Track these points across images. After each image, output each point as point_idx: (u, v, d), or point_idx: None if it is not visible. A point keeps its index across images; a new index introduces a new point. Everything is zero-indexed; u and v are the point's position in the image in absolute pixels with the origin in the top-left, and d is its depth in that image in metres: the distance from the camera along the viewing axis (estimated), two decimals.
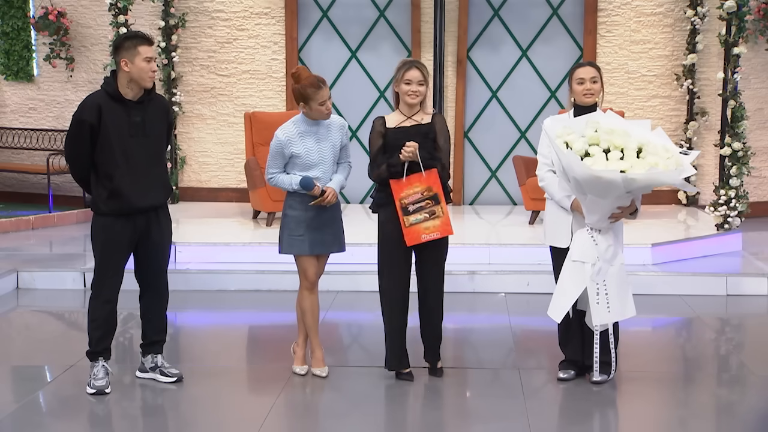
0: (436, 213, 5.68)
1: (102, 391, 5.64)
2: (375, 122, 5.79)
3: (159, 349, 5.91)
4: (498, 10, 10.99)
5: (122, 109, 5.49)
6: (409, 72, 5.66)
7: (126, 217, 5.58)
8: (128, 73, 5.46)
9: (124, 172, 5.51)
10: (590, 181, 5.30)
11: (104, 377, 5.69)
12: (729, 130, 9.28)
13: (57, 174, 11.41)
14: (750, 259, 8.85)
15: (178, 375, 5.85)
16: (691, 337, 7.26)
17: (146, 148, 5.59)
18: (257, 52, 11.12)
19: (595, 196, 5.38)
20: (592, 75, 5.74)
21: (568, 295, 5.59)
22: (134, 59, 5.44)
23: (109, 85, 5.51)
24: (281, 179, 5.78)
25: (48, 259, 9.21)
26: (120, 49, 5.48)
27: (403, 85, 5.68)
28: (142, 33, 5.59)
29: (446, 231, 5.72)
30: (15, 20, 11.72)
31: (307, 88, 5.66)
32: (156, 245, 5.75)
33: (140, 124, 5.54)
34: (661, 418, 5.42)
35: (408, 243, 5.69)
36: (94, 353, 5.73)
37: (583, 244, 5.55)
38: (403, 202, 5.64)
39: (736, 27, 9.20)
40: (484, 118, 11.08)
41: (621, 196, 5.42)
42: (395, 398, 5.70)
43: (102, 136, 5.46)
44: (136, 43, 5.46)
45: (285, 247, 5.84)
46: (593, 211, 5.49)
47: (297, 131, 5.75)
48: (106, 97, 5.49)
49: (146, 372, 5.90)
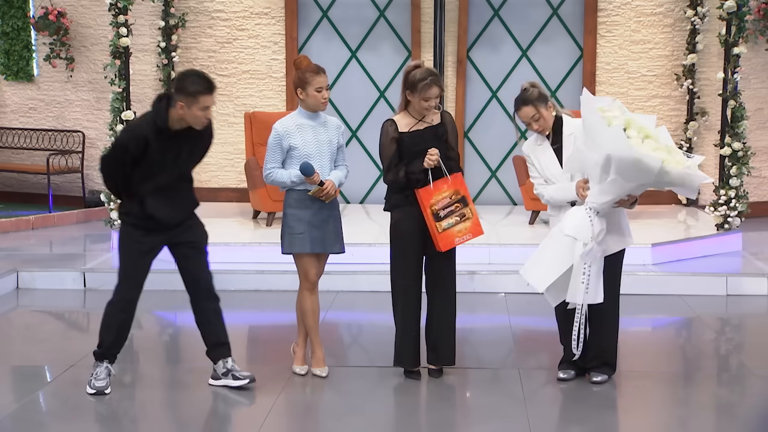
0: (466, 215, 5.70)
1: (102, 392, 5.63)
2: (386, 126, 5.74)
3: (227, 353, 5.76)
4: (498, 10, 10.99)
5: (167, 142, 5.40)
6: (430, 90, 5.60)
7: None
8: (182, 114, 5.35)
9: (156, 197, 5.48)
10: (627, 162, 5.25)
11: (105, 378, 5.67)
12: (729, 130, 9.27)
13: (57, 174, 11.42)
14: (750, 259, 8.85)
15: (250, 377, 5.71)
16: (691, 337, 7.26)
17: (182, 174, 5.58)
18: (257, 52, 11.12)
19: (620, 177, 5.33)
20: (532, 114, 5.64)
21: (554, 268, 5.48)
22: (192, 106, 5.32)
23: (160, 117, 5.36)
24: (279, 174, 5.76)
25: (48, 259, 9.21)
26: (180, 91, 5.32)
27: (422, 101, 5.63)
28: (206, 79, 5.37)
29: (477, 232, 5.74)
30: (15, 20, 11.72)
31: (306, 73, 5.69)
32: (190, 247, 5.67)
33: (182, 154, 5.50)
34: (661, 418, 5.42)
35: (442, 248, 5.67)
36: (101, 355, 5.70)
37: (580, 221, 5.46)
38: (434, 209, 5.63)
39: (736, 27, 9.20)
40: (484, 118, 11.08)
41: (644, 185, 5.40)
42: (395, 398, 5.70)
43: (142, 164, 5.41)
44: (197, 92, 5.30)
45: (286, 246, 5.84)
46: (607, 192, 5.43)
47: (294, 124, 5.78)
48: (154, 129, 5.36)
49: (219, 379, 5.75)
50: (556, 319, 5.89)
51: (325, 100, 5.76)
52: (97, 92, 11.51)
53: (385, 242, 8.76)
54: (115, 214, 9.35)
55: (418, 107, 5.69)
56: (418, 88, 5.61)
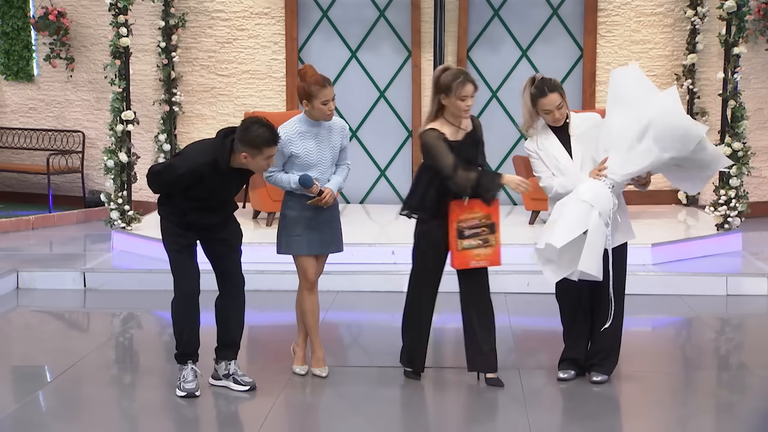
0: (490, 242, 5.65)
1: (192, 394, 5.57)
2: (434, 136, 5.53)
3: (232, 356, 5.76)
4: (498, 10, 10.99)
5: (222, 178, 5.42)
6: (465, 87, 5.51)
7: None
8: (245, 163, 5.35)
9: (198, 211, 5.52)
10: (672, 127, 5.29)
11: (194, 380, 5.61)
12: (729, 130, 9.28)
13: (57, 174, 11.42)
14: (750, 259, 8.84)
15: (251, 383, 5.71)
16: (691, 337, 7.26)
17: (227, 198, 5.64)
18: (257, 52, 11.11)
19: (657, 146, 5.31)
20: (558, 102, 5.62)
21: (571, 230, 5.38)
22: (256, 157, 5.31)
23: (222, 160, 5.33)
24: (279, 177, 5.77)
25: (48, 259, 9.21)
26: (245, 143, 5.28)
27: (458, 101, 5.52)
28: (271, 130, 5.31)
29: (495, 262, 5.71)
30: (15, 20, 11.72)
31: (312, 86, 5.65)
32: (224, 245, 5.68)
33: (233, 188, 5.57)
34: (661, 418, 5.42)
35: (455, 266, 5.65)
36: (182, 356, 5.66)
37: (598, 189, 5.42)
38: (460, 225, 5.58)
39: (736, 27, 9.20)
40: (484, 118, 10.97)
41: (676, 157, 5.39)
42: (395, 398, 5.70)
43: (192, 190, 5.44)
44: (262, 145, 5.27)
45: (283, 247, 5.84)
46: (633, 164, 5.39)
47: (297, 131, 5.75)
48: (213, 168, 5.35)
49: (219, 380, 5.77)
50: (561, 318, 5.88)
51: (331, 112, 5.71)
52: (97, 92, 11.51)
53: (386, 242, 8.82)
54: (115, 214, 9.37)
55: (454, 110, 5.57)
56: (453, 88, 5.50)
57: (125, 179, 9.40)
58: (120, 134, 9.29)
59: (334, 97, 5.72)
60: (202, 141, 5.64)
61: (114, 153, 9.30)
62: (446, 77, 5.55)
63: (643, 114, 5.35)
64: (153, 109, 10.92)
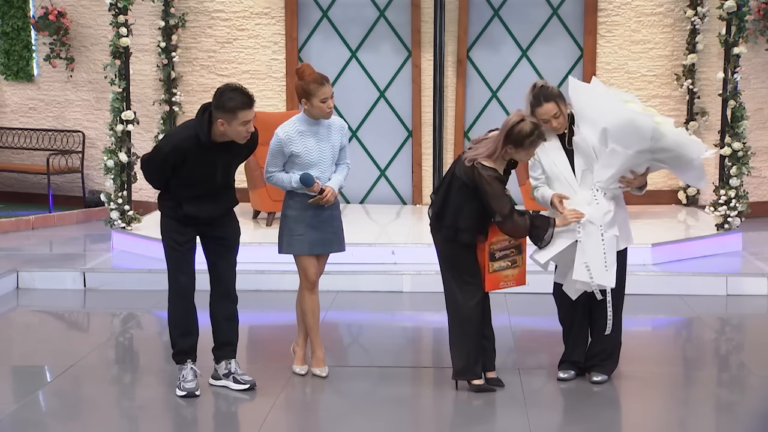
0: (517, 263, 5.68)
1: (192, 394, 5.58)
2: (492, 175, 5.42)
3: (231, 354, 5.76)
4: (498, 10, 10.98)
5: (208, 154, 5.39)
6: (536, 146, 5.45)
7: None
8: (223, 131, 5.33)
9: (194, 201, 5.51)
10: (621, 125, 5.36)
11: (193, 379, 5.62)
12: (729, 130, 9.27)
13: (57, 174, 11.42)
14: (750, 259, 8.84)
15: (251, 382, 5.70)
16: (691, 337, 7.26)
17: (222, 181, 5.57)
18: (257, 52, 11.11)
19: (618, 145, 5.39)
20: (554, 112, 5.57)
21: (557, 245, 5.54)
22: (232, 122, 5.28)
23: (202, 132, 5.32)
24: (280, 177, 5.78)
25: (48, 259, 9.21)
26: (219, 108, 5.27)
27: (525, 155, 5.48)
28: (243, 93, 5.30)
29: (521, 281, 5.73)
30: (15, 20, 11.71)
31: (310, 84, 5.65)
32: (220, 244, 5.68)
33: (221, 164, 5.50)
34: (661, 418, 5.42)
35: (487, 289, 5.63)
36: (179, 354, 5.66)
37: (585, 200, 5.53)
38: (492, 248, 5.58)
39: (736, 27, 9.20)
40: (484, 118, 11.07)
41: (642, 152, 5.42)
42: (395, 398, 5.70)
43: (181, 173, 5.42)
44: (235, 108, 5.24)
45: (285, 247, 5.84)
46: (609, 165, 5.47)
47: (297, 130, 5.75)
48: (195, 143, 5.34)
49: (219, 379, 5.76)
50: (558, 318, 5.89)
51: (330, 109, 5.72)
52: (97, 92, 11.50)
53: (386, 242, 8.82)
54: (115, 214, 9.37)
55: (516, 158, 5.51)
56: (525, 144, 5.40)
57: (125, 179, 9.40)
58: (120, 134, 9.29)
59: (333, 94, 5.72)
60: (186, 120, 5.65)
61: (114, 153, 9.30)
62: (521, 131, 5.40)
63: (597, 120, 5.48)
64: (153, 109, 10.92)
